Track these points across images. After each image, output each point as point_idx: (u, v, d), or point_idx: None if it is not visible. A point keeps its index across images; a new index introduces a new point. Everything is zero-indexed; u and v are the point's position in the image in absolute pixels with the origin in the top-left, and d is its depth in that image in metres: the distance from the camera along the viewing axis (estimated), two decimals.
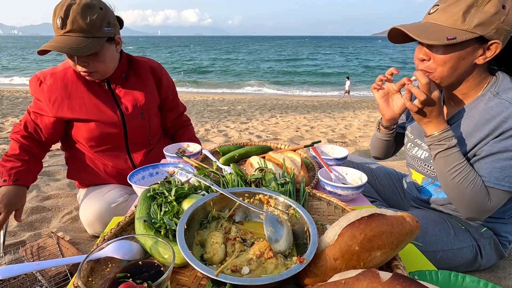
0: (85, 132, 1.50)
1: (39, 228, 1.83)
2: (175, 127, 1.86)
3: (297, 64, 30.35)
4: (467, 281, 0.64)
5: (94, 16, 1.27)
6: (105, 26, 1.31)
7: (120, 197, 1.56)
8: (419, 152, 1.28)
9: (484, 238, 1.23)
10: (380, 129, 1.34)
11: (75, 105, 1.44)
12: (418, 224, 0.64)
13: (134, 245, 0.65)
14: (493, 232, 1.25)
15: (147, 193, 0.83)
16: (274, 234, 0.68)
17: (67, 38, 1.25)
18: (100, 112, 1.47)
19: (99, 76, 1.42)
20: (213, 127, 5.36)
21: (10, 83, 17.16)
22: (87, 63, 1.33)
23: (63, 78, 1.44)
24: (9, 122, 5.20)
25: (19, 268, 0.61)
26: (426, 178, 1.30)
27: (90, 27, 1.26)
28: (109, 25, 1.34)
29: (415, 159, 1.30)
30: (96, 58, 1.33)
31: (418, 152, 1.29)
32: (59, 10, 1.25)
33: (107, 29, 1.32)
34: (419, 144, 1.29)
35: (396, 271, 0.62)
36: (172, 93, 1.75)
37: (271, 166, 1.11)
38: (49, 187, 2.33)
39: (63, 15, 1.23)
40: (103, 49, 1.34)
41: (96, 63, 1.34)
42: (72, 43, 1.24)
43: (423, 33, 0.98)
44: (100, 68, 1.37)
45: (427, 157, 1.23)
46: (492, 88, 1.06)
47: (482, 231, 1.24)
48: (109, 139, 1.54)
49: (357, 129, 5.26)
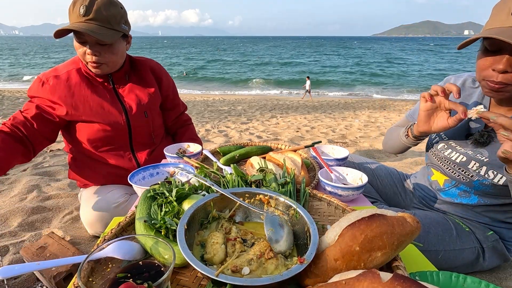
0: (89, 133, 1.49)
1: (39, 228, 1.83)
2: (176, 126, 1.87)
3: (297, 64, 30.35)
4: (468, 282, 0.64)
5: (115, 11, 1.35)
6: (123, 23, 1.40)
7: (121, 197, 1.56)
8: (453, 155, 1.20)
9: (489, 241, 1.23)
10: (409, 136, 1.22)
11: (79, 105, 1.44)
12: (419, 225, 0.64)
13: (134, 245, 0.65)
14: (499, 237, 1.24)
15: (148, 193, 0.83)
16: (274, 234, 0.68)
17: (89, 24, 1.29)
18: (105, 112, 1.48)
19: (107, 69, 1.43)
20: (214, 128, 5.36)
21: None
22: (99, 53, 1.36)
23: (66, 79, 1.44)
24: None
25: (19, 268, 0.61)
26: (449, 180, 1.26)
27: (111, 20, 1.33)
28: (126, 23, 1.42)
29: (445, 160, 1.23)
30: (110, 50, 1.38)
31: (452, 154, 1.20)
32: (83, 0, 1.30)
33: (124, 26, 1.41)
34: (454, 147, 1.20)
35: (397, 271, 0.62)
36: (173, 92, 1.76)
37: (272, 166, 1.11)
38: (50, 187, 2.33)
39: (87, 4, 1.28)
40: (117, 43, 1.40)
41: (108, 54, 1.38)
42: (94, 29, 1.29)
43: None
44: (110, 59, 1.40)
45: (464, 161, 1.15)
46: None
47: (488, 234, 1.23)
48: (114, 139, 1.55)
49: (357, 129, 5.26)
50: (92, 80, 1.49)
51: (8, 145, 1.31)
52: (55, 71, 1.48)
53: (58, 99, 1.42)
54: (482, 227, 1.25)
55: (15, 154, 1.35)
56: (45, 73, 1.47)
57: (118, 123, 1.51)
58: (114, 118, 1.49)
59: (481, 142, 1.11)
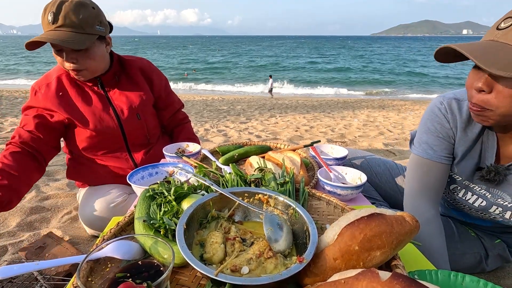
0: (84, 139, 1.48)
1: (38, 228, 1.83)
2: (172, 125, 1.83)
3: (297, 63, 30.36)
4: (467, 281, 0.64)
5: (86, 13, 1.27)
6: (97, 24, 1.32)
7: (119, 197, 1.56)
8: (470, 198, 1.07)
9: (496, 248, 1.21)
10: None
11: (71, 112, 1.42)
12: (418, 224, 0.64)
13: (133, 245, 0.65)
14: (506, 245, 1.23)
15: (147, 193, 0.83)
16: (273, 233, 0.68)
17: (58, 32, 1.23)
18: (96, 118, 1.45)
19: (88, 74, 1.39)
20: (213, 127, 5.36)
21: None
22: (76, 60, 1.31)
23: (56, 87, 1.42)
24: (8, 122, 5.19)
25: (18, 268, 0.61)
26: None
27: (82, 23, 1.26)
28: (101, 24, 1.34)
29: (462, 203, 1.12)
30: (87, 55, 1.32)
31: (468, 196, 1.07)
32: (50, 6, 1.24)
33: (99, 28, 1.32)
34: (472, 188, 1.06)
35: (396, 270, 0.62)
36: (165, 91, 1.71)
37: (271, 166, 1.11)
38: (49, 187, 2.33)
39: (55, 11, 1.22)
40: (94, 47, 1.33)
41: (86, 60, 1.32)
42: (64, 37, 1.22)
43: (491, 57, 0.72)
44: (90, 65, 1.35)
45: (484, 206, 1.03)
46: None
47: (496, 242, 1.21)
48: (109, 143, 1.54)
49: (356, 128, 5.26)
50: (82, 85, 1.46)
51: (26, 166, 1.30)
52: (46, 78, 1.45)
53: (52, 106, 1.40)
54: (490, 234, 1.22)
55: (33, 172, 1.34)
56: (38, 82, 1.45)
57: (111, 128, 1.49)
58: (106, 123, 1.47)
59: (488, 180, 0.99)
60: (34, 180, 1.36)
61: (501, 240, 1.21)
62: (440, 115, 1.05)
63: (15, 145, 1.32)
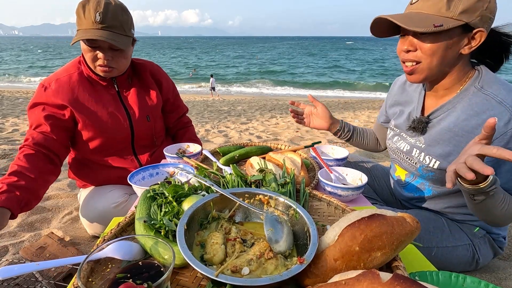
0: (92, 137, 1.48)
1: (39, 229, 1.83)
2: (177, 128, 1.87)
3: (296, 64, 30.38)
4: (468, 282, 0.64)
5: (127, 17, 1.39)
6: (132, 28, 1.44)
7: (120, 197, 1.56)
8: (401, 145, 1.25)
9: (478, 237, 1.23)
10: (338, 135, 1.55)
11: (82, 109, 1.42)
12: (419, 225, 0.64)
13: (134, 245, 0.65)
14: (486, 231, 1.25)
15: (147, 193, 0.83)
16: (274, 234, 0.68)
17: (107, 32, 1.31)
18: (109, 117, 1.47)
19: (116, 72, 1.46)
20: (213, 128, 5.36)
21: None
22: (111, 58, 1.38)
23: (68, 81, 1.43)
24: (9, 122, 5.20)
25: (19, 269, 0.61)
26: (409, 174, 1.28)
27: (125, 25, 1.37)
28: (133, 28, 1.45)
29: (397, 151, 1.28)
30: (122, 55, 1.41)
31: (400, 143, 1.26)
32: (96, 5, 1.29)
33: (133, 31, 1.45)
34: (402, 136, 1.26)
35: (397, 271, 0.62)
36: (173, 94, 1.76)
37: (271, 166, 1.11)
38: (49, 187, 2.33)
39: (103, 11, 1.29)
40: (129, 48, 1.43)
41: (120, 59, 1.41)
42: (112, 36, 1.31)
43: (409, 21, 0.96)
44: (121, 63, 1.43)
45: (408, 150, 1.21)
46: (476, 83, 1.04)
47: (474, 231, 1.23)
48: (116, 143, 1.55)
49: None
50: (95, 84, 1.48)
51: (41, 167, 1.29)
52: (55, 75, 1.46)
53: (63, 101, 1.39)
54: (468, 224, 1.24)
55: (49, 174, 1.34)
56: (46, 79, 1.46)
57: (122, 128, 1.51)
58: (118, 123, 1.49)
59: (413, 128, 1.18)
60: (50, 181, 1.35)
61: (479, 228, 1.24)
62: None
63: (29, 147, 1.31)
